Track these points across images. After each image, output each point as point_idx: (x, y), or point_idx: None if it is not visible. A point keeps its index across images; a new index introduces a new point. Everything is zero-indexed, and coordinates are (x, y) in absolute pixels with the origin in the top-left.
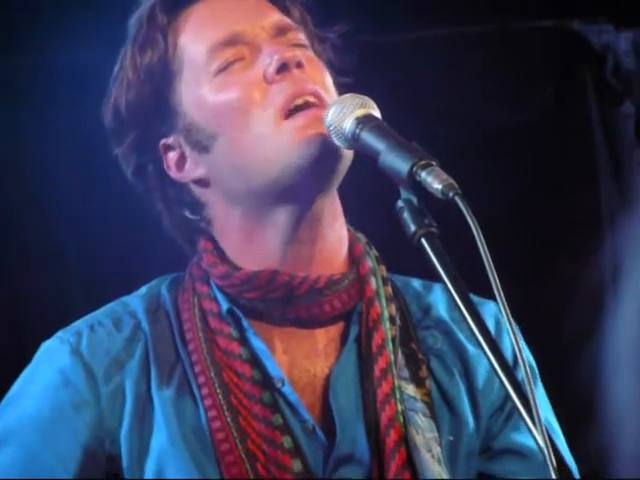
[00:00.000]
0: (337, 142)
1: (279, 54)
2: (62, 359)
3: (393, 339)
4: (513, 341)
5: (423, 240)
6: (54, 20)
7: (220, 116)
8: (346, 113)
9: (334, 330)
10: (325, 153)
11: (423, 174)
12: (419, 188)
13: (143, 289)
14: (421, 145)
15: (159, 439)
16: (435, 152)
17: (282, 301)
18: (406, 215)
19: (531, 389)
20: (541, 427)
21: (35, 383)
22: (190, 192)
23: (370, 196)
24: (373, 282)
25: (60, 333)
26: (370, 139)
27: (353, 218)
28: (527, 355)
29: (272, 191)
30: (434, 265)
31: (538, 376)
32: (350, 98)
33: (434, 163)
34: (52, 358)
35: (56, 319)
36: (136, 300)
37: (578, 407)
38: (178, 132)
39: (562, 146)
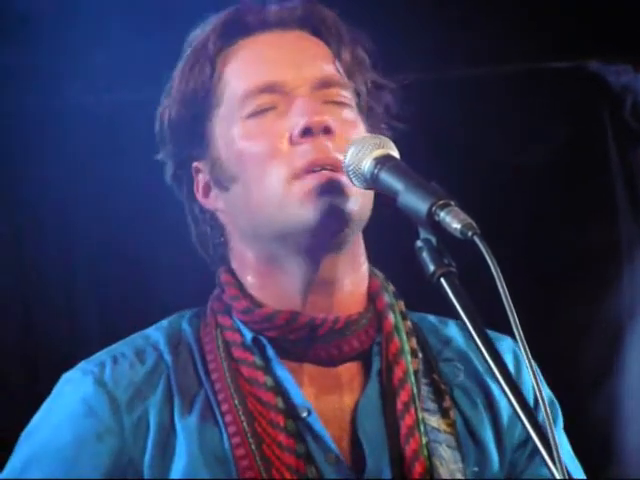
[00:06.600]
0: (356, 182)
1: (307, 117)
2: (85, 389)
3: (415, 372)
4: (532, 380)
5: (442, 280)
6: None
7: (242, 161)
8: (365, 153)
9: (355, 366)
10: (332, 217)
11: (442, 214)
12: (438, 228)
13: (164, 322)
14: (440, 183)
15: (178, 465)
16: (454, 191)
17: (302, 341)
18: (425, 255)
19: (551, 428)
20: (561, 466)
21: (57, 413)
22: (214, 217)
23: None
24: (391, 317)
25: (82, 364)
26: (389, 179)
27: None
28: (547, 392)
29: (279, 244)
30: (453, 304)
31: (559, 412)
32: (368, 138)
33: (453, 203)
34: (75, 388)
35: (69, 352)
36: (158, 333)
37: (597, 447)
38: (207, 160)
39: (581, 187)
